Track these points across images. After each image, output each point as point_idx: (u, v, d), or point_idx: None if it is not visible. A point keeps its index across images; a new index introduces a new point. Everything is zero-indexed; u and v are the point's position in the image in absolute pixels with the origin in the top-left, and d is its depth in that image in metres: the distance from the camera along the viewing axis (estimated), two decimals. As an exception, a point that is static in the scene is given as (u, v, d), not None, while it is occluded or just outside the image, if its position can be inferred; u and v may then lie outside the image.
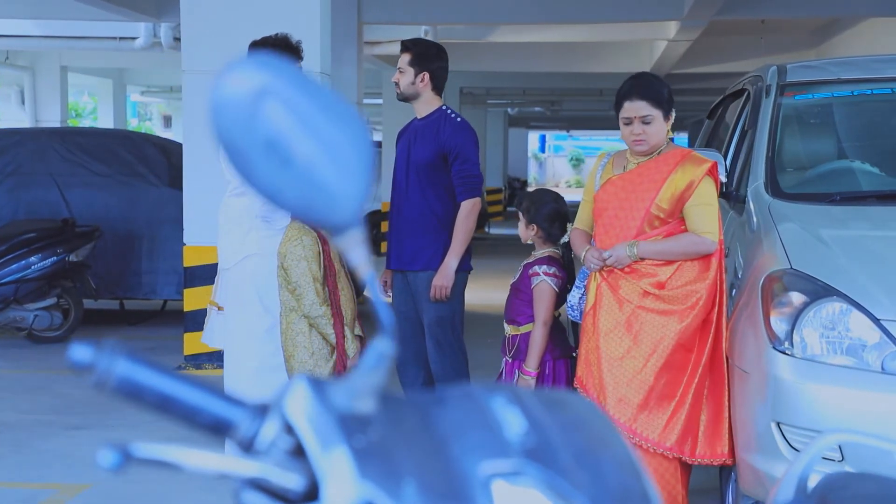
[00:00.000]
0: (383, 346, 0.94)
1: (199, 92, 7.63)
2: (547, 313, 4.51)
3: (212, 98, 0.93)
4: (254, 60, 0.92)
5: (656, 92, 4.03)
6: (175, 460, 0.91)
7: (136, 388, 0.94)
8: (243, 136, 0.91)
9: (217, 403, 0.95)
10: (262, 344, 4.99)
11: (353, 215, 0.93)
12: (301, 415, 0.92)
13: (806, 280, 3.75)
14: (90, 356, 0.94)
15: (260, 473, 0.91)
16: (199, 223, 7.66)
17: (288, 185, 0.91)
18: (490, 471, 0.91)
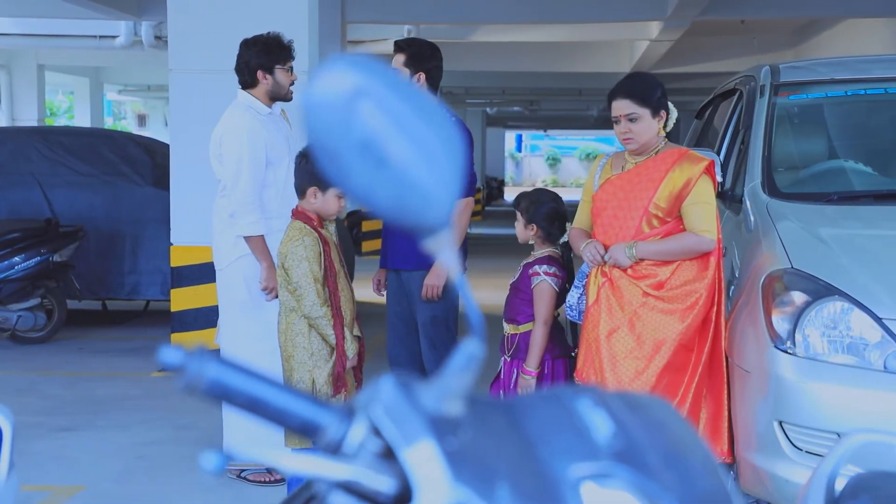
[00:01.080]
0: (473, 348, 0.94)
1: (186, 91, 7.60)
2: (547, 313, 4.51)
3: (306, 99, 0.92)
4: (348, 60, 0.91)
5: (642, 91, 4.04)
6: (272, 462, 0.90)
7: (226, 390, 0.94)
8: (337, 138, 0.90)
9: (305, 406, 0.94)
10: (256, 344, 4.97)
11: (444, 216, 0.92)
12: (389, 417, 0.91)
13: (807, 279, 3.77)
14: (181, 359, 0.93)
15: (352, 476, 0.90)
16: (187, 223, 7.63)
17: (381, 186, 0.91)
18: (580, 473, 0.91)
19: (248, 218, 4.84)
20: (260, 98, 4.98)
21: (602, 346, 4.03)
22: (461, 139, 0.93)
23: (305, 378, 4.17)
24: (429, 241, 0.94)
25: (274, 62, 4.94)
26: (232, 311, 5.10)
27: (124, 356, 8.34)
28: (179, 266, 7.68)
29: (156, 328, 9.59)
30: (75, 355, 8.43)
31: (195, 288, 7.66)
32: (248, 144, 4.84)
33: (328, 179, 0.93)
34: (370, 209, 0.94)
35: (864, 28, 12.81)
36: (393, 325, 5.22)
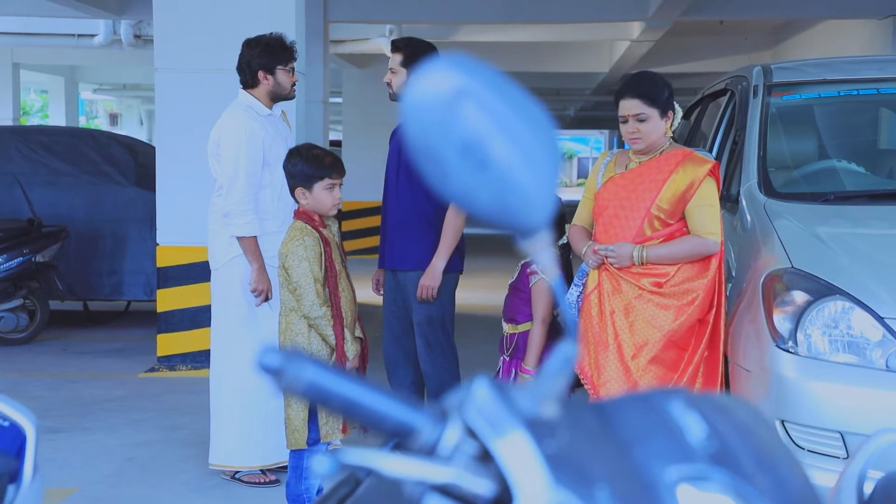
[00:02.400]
0: (569, 350, 0.93)
1: (172, 90, 7.56)
2: (545, 312, 4.52)
3: (408, 99, 0.91)
4: (449, 61, 0.91)
5: (651, 90, 4.04)
6: (377, 466, 0.89)
7: (323, 393, 0.93)
8: (439, 139, 0.89)
9: (399, 409, 0.93)
10: (249, 344, 4.96)
11: (544, 218, 0.92)
12: (486, 419, 0.90)
13: (808, 279, 3.79)
14: (279, 361, 0.92)
15: (452, 479, 0.89)
16: (173, 223, 7.59)
17: (482, 187, 0.90)
18: (676, 475, 0.91)
19: (243, 219, 4.83)
20: (261, 98, 4.98)
21: (596, 328, 4.03)
22: (558, 140, 0.92)
23: (304, 378, 4.15)
24: (526, 242, 0.94)
25: (275, 63, 4.95)
26: (225, 312, 5.08)
27: (109, 357, 8.28)
28: (166, 266, 7.63)
29: (139, 329, 9.53)
30: (59, 356, 8.36)
31: (181, 288, 7.62)
32: (245, 145, 4.83)
33: (428, 180, 0.92)
34: (469, 211, 0.93)
35: (842, 29, 12.89)
36: (389, 324, 5.21)
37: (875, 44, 11.65)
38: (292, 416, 4.17)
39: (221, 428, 5.04)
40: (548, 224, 0.93)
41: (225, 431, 5.03)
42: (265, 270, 4.88)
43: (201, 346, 7.57)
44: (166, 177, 7.61)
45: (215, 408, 5.09)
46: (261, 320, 4.95)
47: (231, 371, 5.02)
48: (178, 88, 7.51)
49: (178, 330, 7.66)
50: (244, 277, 4.95)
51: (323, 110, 11.39)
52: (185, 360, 7.66)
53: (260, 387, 4.95)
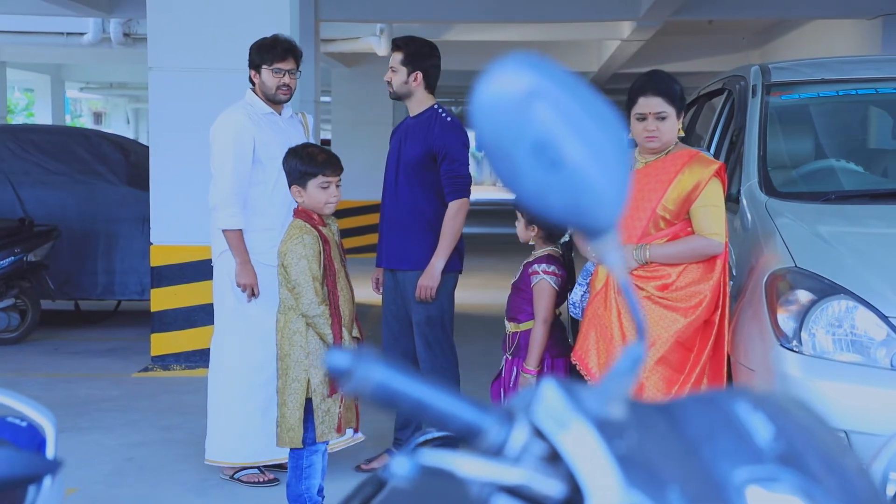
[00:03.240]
0: (638, 351, 0.93)
1: (165, 89, 7.54)
2: (547, 311, 4.51)
3: (479, 99, 0.90)
4: (521, 61, 0.90)
5: (671, 89, 4.01)
6: (451, 467, 0.89)
7: (391, 394, 0.93)
8: (510, 139, 0.89)
9: (466, 409, 0.93)
10: (241, 341, 4.95)
11: (614, 217, 0.92)
12: (555, 420, 0.90)
13: (812, 278, 3.80)
14: (348, 362, 0.92)
15: (524, 481, 0.89)
16: (167, 222, 7.57)
17: (554, 188, 0.90)
18: (745, 476, 0.91)
19: (227, 211, 4.86)
20: (260, 97, 5.00)
21: (604, 327, 4.03)
22: (627, 140, 0.92)
23: (301, 377, 4.15)
24: (596, 242, 0.93)
25: (261, 62, 4.99)
26: (219, 306, 5.09)
27: (101, 357, 8.25)
28: (159, 266, 7.60)
29: (130, 328, 9.50)
30: (51, 356, 8.32)
31: (175, 288, 7.59)
32: (234, 140, 4.87)
33: (499, 180, 0.92)
34: (540, 211, 0.93)
35: (831, 29, 12.94)
36: (388, 323, 5.21)
37: (864, 44, 11.70)
38: (287, 415, 4.16)
39: (216, 423, 5.04)
40: (617, 223, 0.93)
41: (219, 427, 5.03)
42: (250, 265, 4.89)
43: (195, 346, 7.55)
44: (160, 176, 7.59)
45: (211, 403, 5.09)
46: (254, 316, 4.94)
47: (223, 366, 5.03)
48: (171, 87, 7.49)
49: (172, 329, 7.64)
50: (232, 272, 4.96)
51: (314, 109, 11.36)
52: (179, 360, 7.63)
53: (252, 382, 4.94)
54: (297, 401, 4.14)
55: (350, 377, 0.92)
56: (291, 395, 4.14)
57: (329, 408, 4.17)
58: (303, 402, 4.14)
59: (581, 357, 4.13)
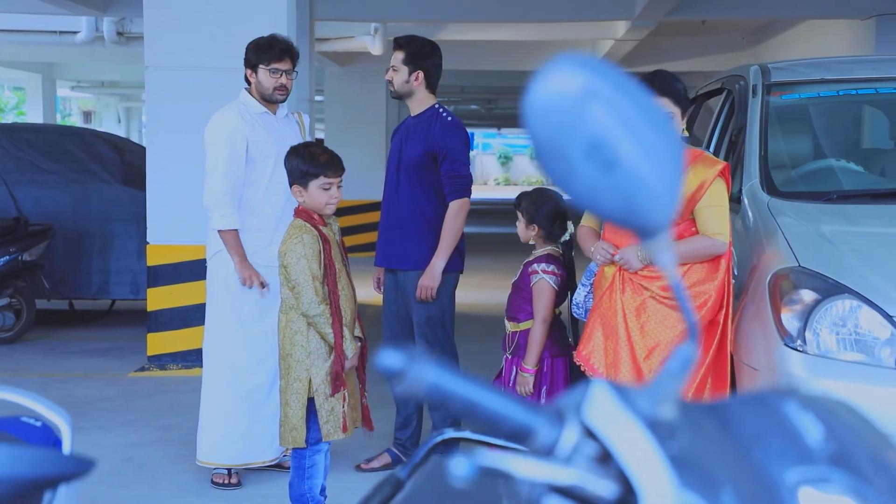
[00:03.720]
0: (690, 351, 0.93)
1: (162, 88, 7.52)
2: (546, 311, 4.51)
3: (533, 98, 0.90)
4: (575, 61, 0.90)
5: (675, 88, 4.01)
6: (507, 468, 0.89)
7: (444, 395, 0.92)
8: (564, 139, 0.89)
9: (517, 410, 0.93)
10: (233, 342, 4.93)
11: (668, 217, 0.92)
12: (607, 420, 0.90)
13: (815, 277, 3.80)
14: (401, 362, 0.91)
15: (577, 481, 0.89)
16: (163, 221, 7.55)
17: (608, 188, 0.90)
18: (797, 477, 0.90)
19: (220, 211, 4.85)
20: (255, 97, 4.98)
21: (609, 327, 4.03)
22: (681, 140, 0.92)
23: (303, 376, 4.14)
24: (648, 242, 0.93)
25: (257, 62, 4.96)
26: (211, 307, 5.08)
27: (97, 356, 8.22)
28: (156, 265, 7.58)
29: (125, 328, 9.47)
30: (46, 356, 8.29)
31: (172, 287, 7.58)
32: (226, 140, 4.85)
33: (553, 180, 0.92)
34: (594, 211, 0.93)
35: (824, 29, 12.96)
36: (388, 323, 5.20)
37: (858, 44, 11.72)
38: (290, 414, 4.15)
39: (206, 424, 5.03)
40: (671, 224, 0.92)
41: (209, 427, 5.02)
42: (247, 262, 4.86)
43: (192, 346, 7.53)
44: (157, 175, 7.57)
45: (203, 403, 5.08)
46: (246, 318, 4.93)
47: (214, 367, 5.02)
48: (168, 86, 7.47)
49: (168, 329, 7.62)
50: (227, 274, 4.94)
51: (309, 109, 11.35)
52: (175, 360, 7.62)
53: (244, 384, 4.93)
54: (299, 400, 4.13)
55: (403, 377, 0.92)
56: (293, 395, 4.13)
57: (333, 407, 4.16)
58: (305, 402, 4.13)
59: (585, 358, 4.12)
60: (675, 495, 0.86)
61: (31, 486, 1.19)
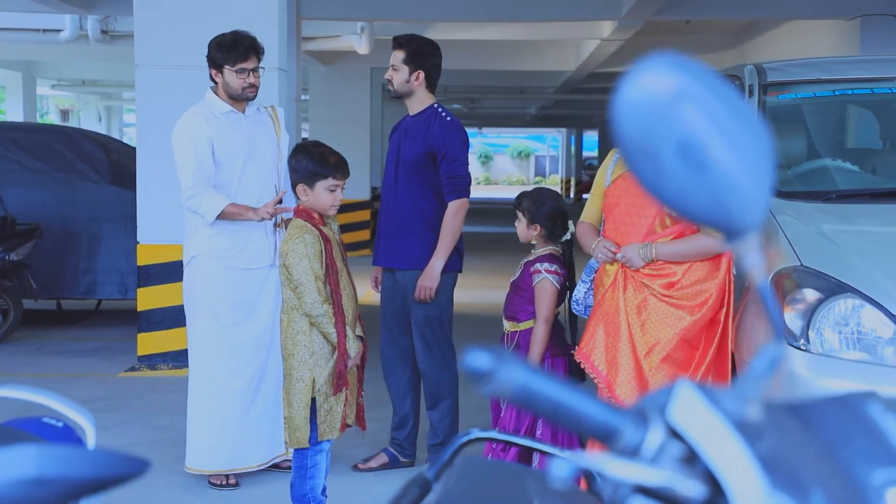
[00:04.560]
0: (776, 352, 0.93)
1: (152, 87, 7.48)
2: (549, 310, 4.52)
3: (624, 99, 0.90)
4: (666, 61, 0.90)
5: None
6: (601, 468, 0.89)
7: (531, 396, 0.92)
8: (655, 139, 0.89)
9: (602, 411, 0.93)
10: (215, 347, 4.90)
11: (758, 218, 0.92)
12: (693, 422, 0.90)
13: (818, 277, 3.82)
14: (490, 363, 0.91)
15: (667, 482, 0.89)
16: (153, 221, 7.51)
17: (698, 188, 0.90)
18: (885, 479, 0.91)
19: (204, 200, 4.77)
20: (221, 96, 4.91)
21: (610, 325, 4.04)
22: (770, 140, 0.92)
23: (306, 377, 4.13)
24: (737, 243, 0.93)
25: (223, 62, 4.86)
26: (189, 313, 5.05)
27: (86, 356, 8.18)
28: (146, 265, 7.55)
29: (113, 328, 9.43)
30: (34, 356, 8.24)
31: (162, 287, 7.54)
32: (189, 140, 4.79)
33: (641, 181, 0.92)
34: (683, 211, 0.93)
35: (808, 29, 13.03)
36: (386, 322, 5.20)
37: (842, 45, 11.79)
38: (293, 415, 4.14)
39: (194, 429, 5.00)
40: (760, 225, 0.93)
41: (196, 434, 4.99)
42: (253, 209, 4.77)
43: (182, 345, 7.44)
44: (146, 174, 7.53)
45: (189, 409, 5.06)
46: (225, 321, 4.90)
47: (198, 371, 4.99)
48: (159, 85, 7.44)
49: (158, 329, 7.59)
50: (203, 279, 4.90)
51: (295, 108, 11.33)
52: (165, 360, 7.59)
53: (227, 390, 4.91)
54: (302, 401, 4.12)
55: (491, 379, 0.92)
56: (296, 395, 4.12)
57: (331, 407, 4.16)
58: (308, 402, 4.12)
59: (586, 356, 4.13)
60: (767, 497, 0.86)
61: (90, 486, 1.19)
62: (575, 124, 38.14)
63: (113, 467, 1.21)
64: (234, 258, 4.86)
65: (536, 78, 20.43)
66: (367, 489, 4.99)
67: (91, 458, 1.19)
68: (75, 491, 1.18)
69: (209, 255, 4.88)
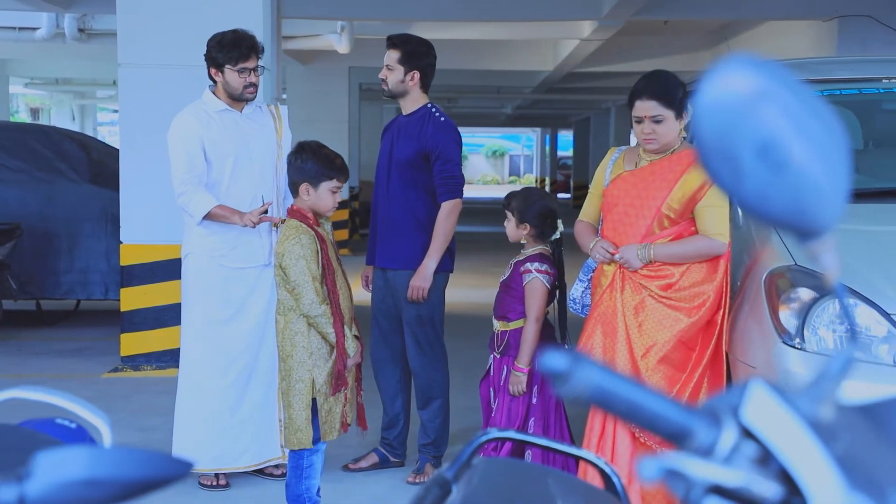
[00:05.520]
0: (849, 353, 0.94)
1: (136, 85, 7.44)
2: (539, 309, 4.53)
3: (704, 100, 0.90)
4: (746, 62, 0.90)
5: (668, 92, 4.03)
6: (681, 468, 0.89)
7: (608, 396, 0.92)
8: (735, 141, 0.89)
9: (676, 411, 0.93)
10: (203, 342, 4.90)
11: (835, 219, 0.92)
12: (768, 422, 0.90)
13: (812, 276, 3.85)
14: (567, 364, 0.91)
15: (744, 482, 0.89)
16: (137, 220, 7.47)
17: (777, 189, 0.90)
18: None
19: (194, 199, 4.76)
20: (220, 95, 4.90)
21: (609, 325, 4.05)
22: (848, 141, 0.92)
23: (305, 377, 4.12)
24: (811, 244, 0.94)
25: (224, 61, 4.84)
26: (184, 304, 5.04)
27: (68, 357, 8.12)
28: (130, 265, 7.50)
29: (92, 328, 9.37)
30: (15, 357, 8.17)
31: (146, 287, 7.50)
32: (180, 138, 4.80)
33: (717, 182, 0.92)
34: (760, 212, 0.93)
35: (785, 30, 13.11)
36: (377, 322, 5.19)
37: (819, 45, 11.87)
38: (294, 416, 4.12)
39: (181, 427, 4.99)
40: (835, 226, 0.93)
41: (183, 432, 4.98)
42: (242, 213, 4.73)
43: (166, 346, 7.46)
44: (130, 173, 7.48)
45: (177, 406, 5.04)
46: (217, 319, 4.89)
47: (188, 369, 4.98)
48: (143, 84, 7.40)
49: (142, 329, 7.54)
50: (197, 276, 4.90)
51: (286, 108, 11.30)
52: (149, 360, 7.54)
53: (216, 388, 4.89)
54: (302, 402, 4.10)
55: (568, 379, 0.92)
56: (297, 397, 4.10)
57: (331, 407, 4.15)
58: (309, 403, 4.11)
59: None
60: (845, 497, 0.87)
61: (139, 487, 1.18)
62: (550, 124, 38.22)
63: (161, 468, 1.20)
64: (226, 256, 4.85)
65: (514, 77, 20.46)
66: (358, 489, 4.98)
67: (140, 459, 1.19)
68: (125, 492, 1.17)
69: (202, 253, 4.88)
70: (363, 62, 16.62)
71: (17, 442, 2.08)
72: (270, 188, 4.93)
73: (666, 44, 16.22)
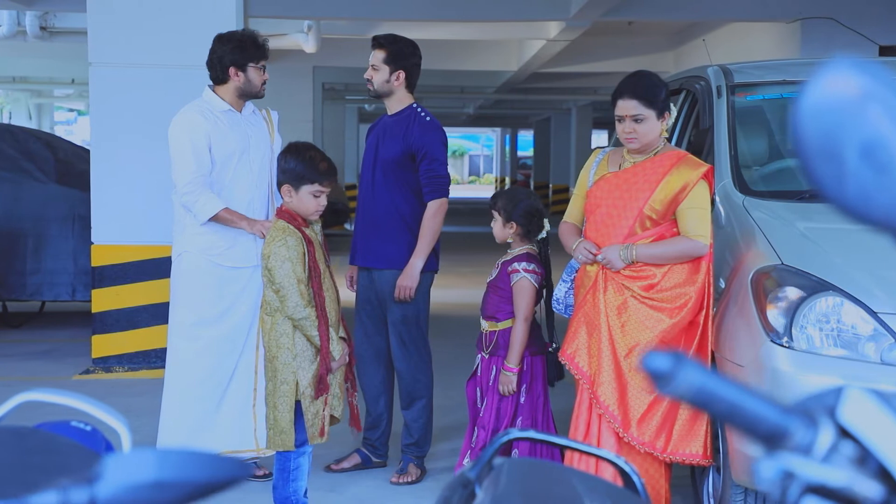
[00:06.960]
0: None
1: (106, 85, 7.37)
2: (528, 309, 4.55)
3: (809, 101, 0.91)
4: (851, 63, 0.91)
5: (649, 91, 4.09)
6: (795, 470, 0.89)
7: (709, 397, 0.93)
8: (839, 141, 0.90)
9: (774, 412, 0.94)
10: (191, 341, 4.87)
11: None
12: (867, 422, 0.91)
13: (799, 275, 3.89)
14: (671, 365, 0.91)
15: (848, 483, 0.90)
16: (108, 221, 7.40)
17: (880, 190, 0.91)
18: None
19: (201, 199, 4.76)
20: (227, 95, 4.91)
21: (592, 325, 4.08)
22: None
23: (290, 379, 4.09)
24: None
25: (248, 60, 4.90)
26: (173, 303, 5.02)
27: (35, 359, 8.02)
28: (101, 266, 7.43)
29: (59, 330, 9.26)
30: (-18, 359, 8.06)
31: (117, 288, 7.43)
32: (187, 133, 4.79)
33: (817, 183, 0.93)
34: (862, 214, 0.94)
35: (748, 31, 13.23)
36: (361, 322, 5.18)
37: (782, 47, 11.99)
38: (279, 418, 4.10)
39: (166, 429, 4.96)
40: None
41: (168, 432, 4.95)
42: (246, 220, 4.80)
43: (139, 347, 7.41)
44: (101, 174, 7.42)
45: (164, 406, 5.01)
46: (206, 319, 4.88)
47: (174, 367, 4.96)
48: (114, 83, 7.33)
49: (113, 331, 7.48)
50: (188, 275, 4.88)
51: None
52: (121, 362, 7.47)
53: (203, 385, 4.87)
54: (287, 403, 4.08)
55: (671, 380, 0.92)
56: (281, 398, 4.08)
57: (318, 410, 4.13)
58: (293, 405, 4.09)
59: (570, 357, 4.17)
60: None
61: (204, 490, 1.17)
62: (511, 124, 38.30)
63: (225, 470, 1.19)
64: (221, 255, 4.84)
65: (477, 77, 20.48)
66: (341, 489, 4.97)
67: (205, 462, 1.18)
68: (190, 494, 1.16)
69: (197, 251, 4.88)
70: (327, 62, 16.56)
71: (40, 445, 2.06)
72: (265, 191, 4.94)
73: (630, 45, 16.32)
